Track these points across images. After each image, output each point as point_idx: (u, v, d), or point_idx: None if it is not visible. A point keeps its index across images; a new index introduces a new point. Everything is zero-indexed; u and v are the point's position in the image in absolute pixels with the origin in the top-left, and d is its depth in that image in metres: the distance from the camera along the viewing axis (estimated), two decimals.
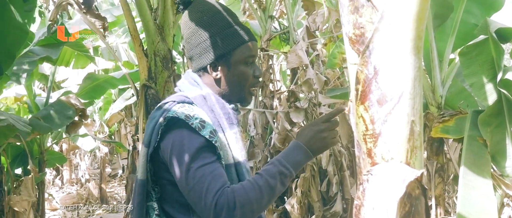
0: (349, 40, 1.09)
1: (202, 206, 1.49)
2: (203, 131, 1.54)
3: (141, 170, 1.66)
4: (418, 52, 1.03)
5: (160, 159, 1.62)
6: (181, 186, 1.55)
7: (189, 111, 1.58)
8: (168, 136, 1.57)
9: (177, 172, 1.54)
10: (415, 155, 1.05)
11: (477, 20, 3.34)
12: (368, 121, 1.07)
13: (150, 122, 1.65)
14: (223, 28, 1.72)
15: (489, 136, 3.13)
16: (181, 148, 1.54)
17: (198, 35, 1.73)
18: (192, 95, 1.68)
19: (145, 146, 1.63)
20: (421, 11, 1.01)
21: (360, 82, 1.08)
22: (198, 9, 1.76)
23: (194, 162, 1.51)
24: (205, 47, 1.71)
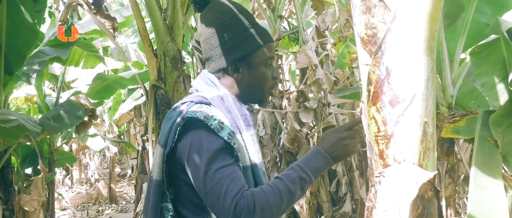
0: (361, 40, 1.07)
1: (220, 208, 1.48)
2: (222, 133, 1.53)
3: (157, 171, 1.64)
4: (431, 53, 1.02)
5: (176, 159, 1.60)
6: (198, 188, 1.54)
7: (208, 112, 1.57)
8: (186, 136, 1.56)
9: (195, 174, 1.53)
10: (427, 156, 1.04)
11: (488, 20, 3.32)
12: (380, 122, 1.06)
13: (167, 122, 1.63)
14: (245, 29, 1.71)
15: (500, 137, 3.10)
16: (200, 150, 1.52)
17: (220, 36, 1.70)
18: (209, 95, 1.67)
19: (162, 146, 1.62)
20: (434, 11, 0.99)
21: (372, 83, 1.06)
22: (218, 9, 1.73)
23: (212, 164, 1.50)
24: (226, 48, 1.69)
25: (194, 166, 1.53)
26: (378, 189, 1.06)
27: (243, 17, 1.73)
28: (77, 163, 9.63)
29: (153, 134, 3.06)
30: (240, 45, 1.69)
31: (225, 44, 1.69)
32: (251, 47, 1.69)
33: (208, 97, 1.66)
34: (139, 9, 3.12)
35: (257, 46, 1.70)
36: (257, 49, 1.70)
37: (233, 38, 1.69)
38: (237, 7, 1.76)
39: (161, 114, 3.02)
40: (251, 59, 1.70)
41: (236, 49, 1.69)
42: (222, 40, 1.70)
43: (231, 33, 1.69)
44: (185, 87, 3.11)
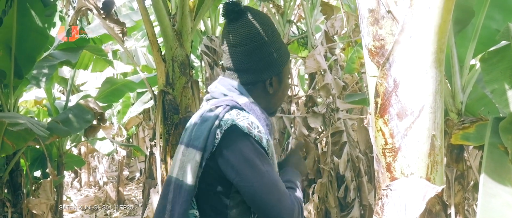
0: (369, 52, 1.06)
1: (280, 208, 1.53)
2: (263, 142, 1.58)
3: (192, 175, 1.59)
4: (439, 65, 1.01)
5: (213, 165, 1.59)
6: (254, 192, 1.54)
7: (248, 119, 1.59)
8: (233, 144, 1.56)
9: (251, 178, 1.54)
10: (435, 170, 1.02)
11: (498, 26, 3.29)
12: (387, 134, 1.05)
13: (201, 124, 1.61)
14: (280, 44, 1.74)
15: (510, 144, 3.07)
16: (252, 155, 1.54)
17: (264, 49, 1.69)
18: (241, 101, 1.67)
19: (199, 149, 1.58)
20: (443, 23, 0.98)
21: (379, 95, 1.05)
22: (260, 21, 1.71)
23: (267, 167, 1.55)
24: (269, 62, 1.70)
25: (249, 171, 1.54)
26: (385, 202, 1.05)
27: (277, 33, 1.76)
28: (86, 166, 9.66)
29: (161, 140, 3.05)
30: (278, 60, 1.71)
31: (268, 58, 1.69)
32: (285, 62, 1.72)
33: (240, 103, 1.66)
34: (148, 14, 3.12)
35: (287, 60, 1.73)
36: (287, 63, 1.73)
37: (272, 54, 1.70)
38: (271, 22, 1.77)
39: (169, 120, 3.01)
40: (282, 73, 1.73)
41: (276, 64, 1.71)
42: (266, 54, 1.69)
43: (273, 47, 1.70)
44: (193, 92, 3.11)
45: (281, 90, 1.75)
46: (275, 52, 1.69)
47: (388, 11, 1.01)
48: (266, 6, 5.51)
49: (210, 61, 5.21)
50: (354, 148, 4.99)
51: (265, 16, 1.76)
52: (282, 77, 1.73)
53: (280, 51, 1.71)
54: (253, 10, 1.74)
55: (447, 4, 0.97)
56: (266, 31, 1.70)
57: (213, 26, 5.87)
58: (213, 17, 5.85)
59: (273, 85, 1.71)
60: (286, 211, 1.52)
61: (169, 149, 3.00)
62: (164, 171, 3.03)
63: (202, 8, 3.11)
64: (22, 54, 4.55)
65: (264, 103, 1.74)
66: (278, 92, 1.74)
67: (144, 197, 4.52)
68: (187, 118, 2.89)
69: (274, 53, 1.69)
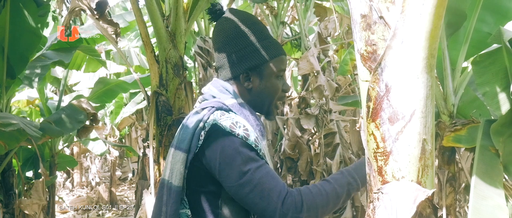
0: (361, 57, 1.07)
1: (264, 205, 1.50)
2: (249, 139, 1.56)
3: (178, 177, 1.62)
4: (430, 71, 1.02)
5: (200, 166, 1.60)
6: (236, 191, 1.54)
7: (233, 119, 1.59)
8: (214, 143, 1.56)
9: (231, 177, 1.53)
10: (426, 174, 1.04)
11: (490, 29, 3.32)
12: (379, 138, 1.06)
13: (187, 126, 1.63)
14: (259, 39, 1.73)
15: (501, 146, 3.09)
16: (233, 154, 1.53)
17: (234, 44, 1.72)
18: (228, 102, 1.68)
19: (183, 151, 1.61)
20: (434, 29, 0.99)
21: (371, 99, 1.06)
22: (233, 18, 1.76)
23: (249, 165, 1.52)
24: (240, 57, 1.71)
25: (229, 170, 1.53)
26: (377, 205, 1.06)
27: (258, 28, 1.76)
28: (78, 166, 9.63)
29: (154, 141, 3.05)
30: (253, 54, 1.71)
31: (239, 52, 1.71)
32: (264, 57, 1.71)
33: (227, 104, 1.66)
34: (141, 15, 3.11)
35: (270, 56, 1.72)
36: (270, 60, 1.72)
37: (247, 47, 1.71)
38: (252, 18, 1.79)
39: (162, 121, 3.01)
40: (263, 69, 1.72)
41: (249, 58, 1.71)
42: (236, 48, 1.71)
43: (245, 42, 1.71)
44: (187, 94, 3.11)
45: (265, 88, 1.74)
46: (249, 47, 1.71)
47: (380, 17, 1.02)
48: (260, 8, 5.52)
49: (204, 62, 5.22)
50: (347, 149, 5.01)
51: (245, 15, 1.79)
52: (263, 74, 1.72)
53: (254, 46, 1.72)
54: (234, 10, 1.79)
55: (438, 10, 0.98)
56: (236, 27, 1.73)
57: (206, 27, 5.88)
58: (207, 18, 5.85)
59: (251, 80, 1.72)
60: (270, 208, 1.49)
61: (162, 150, 3.00)
62: (157, 172, 3.04)
63: (195, 9, 3.12)
64: (15, 54, 4.53)
65: (250, 101, 1.74)
66: (261, 88, 1.73)
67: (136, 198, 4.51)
68: (180, 120, 2.89)
69: (247, 47, 1.71)
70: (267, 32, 1.79)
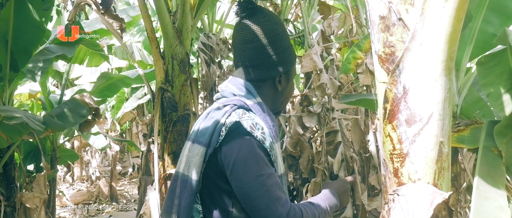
0: (379, 58, 1.08)
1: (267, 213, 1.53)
2: (266, 143, 1.58)
3: (196, 170, 1.62)
4: (449, 73, 1.02)
5: (216, 162, 1.61)
6: (245, 192, 1.56)
7: (254, 120, 1.60)
8: (232, 141, 1.57)
9: (243, 179, 1.55)
10: (443, 176, 1.04)
11: (495, 30, 3.31)
12: (395, 140, 1.06)
13: (208, 121, 1.65)
14: (290, 43, 1.75)
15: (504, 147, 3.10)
16: (248, 156, 1.55)
17: (276, 46, 1.72)
18: (249, 102, 1.68)
19: (203, 145, 1.62)
20: (453, 32, 1.00)
21: (388, 101, 1.07)
22: (271, 19, 1.74)
23: (263, 171, 1.54)
24: (279, 60, 1.72)
25: (243, 171, 1.55)
26: (392, 207, 1.06)
27: (286, 30, 1.78)
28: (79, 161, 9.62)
29: (159, 137, 3.05)
30: (290, 58, 1.74)
31: (279, 55, 1.72)
32: (293, 61, 1.75)
33: (248, 104, 1.67)
34: (147, 11, 3.11)
35: (294, 59, 1.76)
36: (294, 62, 1.76)
37: (285, 51, 1.72)
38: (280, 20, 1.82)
39: (167, 117, 3.01)
40: (290, 71, 1.74)
41: (287, 61, 1.74)
42: (277, 51, 1.71)
43: (284, 45, 1.73)
44: (192, 90, 3.11)
45: (288, 89, 1.79)
46: (286, 50, 1.73)
47: (399, 19, 1.03)
48: (263, 5, 5.51)
49: (207, 58, 5.21)
50: (349, 148, 5.02)
51: (276, 15, 1.81)
52: (290, 76, 1.76)
53: (289, 50, 1.75)
54: (264, 9, 1.79)
55: (458, 13, 0.98)
56: (277, 28, 1.73)
57: (210, 23, 5.87)
58: (210, 14, 5.85)
59: (281, 82, 1.74)
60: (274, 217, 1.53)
61: (166, 146, 3.00)
62: (161, 168, 3.04)
63: (202, 5, 3.11)
64: (18, 48, 4.52)
65: (271, 101, 1.76)
66: (285, 90, 1.77)
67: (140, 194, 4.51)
68: (186, 116, 2.90)
69: (285, 51, 1.73)
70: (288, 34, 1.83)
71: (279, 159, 1.69)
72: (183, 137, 2.99)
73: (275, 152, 1.64)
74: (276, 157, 1.65)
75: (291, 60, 1.75)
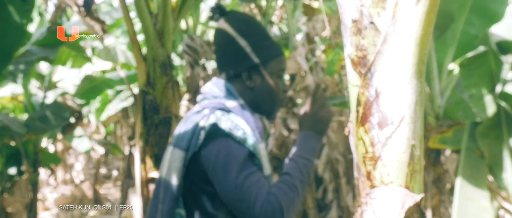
0: (351, 61, 1.07)
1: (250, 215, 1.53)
2: (247, 143, 1.55)
3: (176, 175, 1.62)
4: (420, 76, 1.02)
5: (197, 166, 1.60)
6: (226, 195, 1.56)
7: (232, 121, 1.59)
8: (211, 144, 1.57)
9: (223, 181, 1.54)
10: (415, 179, 1.04)
11: (477, 31, 3.34)
12: (368, 143, 1.06)
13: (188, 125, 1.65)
14: (261, 38, 1.74)
15: (486, 148, 3.13)
16: (228, 157, 1.54)
17: (236, 42, 1.73)
18: (230, 104, 1.68)
19: (183, 149, 1.61)
20: (424, 35, 1.00)
21: (361, 104, 1.06)
22: (235, 18, 1.78)
23: (241, 172, 1.53)
24: (242, 55, 1.72)
25: (222, 174, 1.54)
26: (365, 210, 1.06)
27: (260, 27, 1.78)
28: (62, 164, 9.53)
29: (140, 140, 3.03)
30: (255, 53, 1.72)
31: (241, 51, 1.72)
32: (266, 56, 1.73)
33: (228, 105, 1.66)
34: (129, 14, 3.09)
35: (272, 56, 1.74)
36: (272, 59, 1.73)
37: (249, 46, 1.72)
38: (252, 19, 1.81)
39: (148, 120, 3.00)
40: (264, 68, 1.72)
41: (252, 56, 1.72)
42: (238, 47, 1.72)
43: (247, 40, 1.72)
44: (174, 93, 3.09)
45: (267, 87, 1.76)
46: (251, 46, 1.72)
47: (371, 22, 1.02)
48: (248, 7, 5.51)
49: (191, 60, 5.19)
50: (333, 149, 5.03)
51: (246, 16, 1.83)
52: (264, 73, 1.75)
53: (258, 45, 1.74)
54: (234, 12, 1.80)
55: (428, 17, 0.98)
56: (239, 26, 1.75)
57: (194, 25, 5.85)
58: (195, 16, 5.83)
59: (253, 79, 1.73)
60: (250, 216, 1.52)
61: (148, 149, 2.98)
62: (142, 172, 3.02)
63: (184, 7, 3.10)
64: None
65: (251, 101, 1.75)
66: (262, 88, 1.75)
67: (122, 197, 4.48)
68: (167, 119, 2.88)
69: (249, 46, 1.72)
70: (267, 32, 1.81)
71: (265, 160, 1.69)
72: (165, 140, 2.97)
73: (259, 152, 1.63)
74: (261, 157, 1.64)
75: (258, 55, 1.74)
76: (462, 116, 3.48)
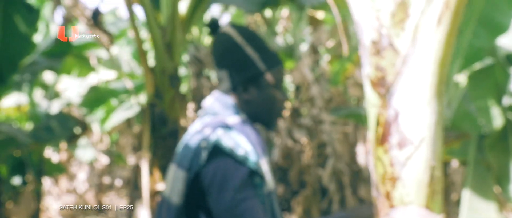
0: (370, 82, 1.07)
1: None
2: (249, 161, 1.54)
3: (178, 195, 1.61)
4: (440, 97, 1.02)
5: (197, 185, 1.58)
6: (218, 214, 1.53)
7: (233, 139, 1.57)
8: (211, 163, 1.55)
9: (218, 202, 1.52)
10: (435, 199, 1.04)
11: (484, 43, 3.34)
12: (387, 163, 1.06)
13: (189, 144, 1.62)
14: (256, 50, 1.72)
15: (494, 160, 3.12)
16: (225, 178, 1.52)
17: (231, 54, 1.71)
18: (230, 121, 1.67)
19: (185, 170, 1.60)
20: (444, 56, 1.00)
21: (380, 124, 1.07)
22: (230, 31, 1.75)
23: (237, 194, 1.50)
24: (236, 68, 1.70)
25: (217, 193, 1.52)
26: None
27: (257, 38, 1.75)
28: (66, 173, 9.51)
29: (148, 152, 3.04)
30: (250, 65, 1.70)
31: (235, 64, 1.70)
32: (261, 68, 1.70)
33: (229, 122, 1.65)
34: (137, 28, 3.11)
35: (269, 66, 1.71)
36: (269, 69, 1.71)
37: (244, 58, 1.70)
38: (248, 31, 1.79)
39: (157, 132, 3.00)
40: (260, 80, 1.71)
41: (246, 68, 1.70)
42: (233, 60, 1.70)
43: (243, 52, 1.70)
44: (180, 105, 3.10)
45: (265, 99, 1.73)
46: (245, 58, 1.70)
47: (390, 43, 1.03)
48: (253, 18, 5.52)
49: (196, 71, 5.20)
50: (339, 160, 5.02)
51: (243, 28, 1.80)
52: (261, 85, 1.71)
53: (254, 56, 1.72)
54: (232, 24, 1.80)
55: (449, 39, 0.99)
56: (233, 39, 1.73)
57: (199, 36, 5.87)
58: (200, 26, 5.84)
59: (249, 91, 1.71)
60: None
61: (156, 161, 2.98)
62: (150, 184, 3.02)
63: (192, 20, 3.12)
64: (5, 59, 4.48)
65: (250, 113, 1.74)
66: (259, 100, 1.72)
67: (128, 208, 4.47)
68: (175, 131, 2.88)
69: (244, 59, 1.70)
70: (265, 43, 1.79)
71: (267, 175, 1.67)
72: (172, 152, 2.97)
73: (261, 168, 1.62)
74: (263, 173, 1.63)
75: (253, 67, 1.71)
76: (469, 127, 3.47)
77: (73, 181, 9.44)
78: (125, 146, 9.06)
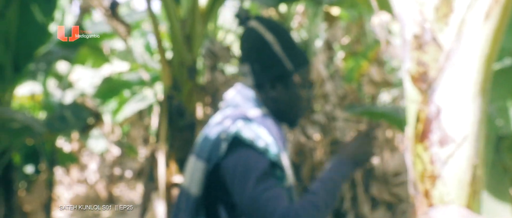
0: (411, 77, 1.05)
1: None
2: (270, 153, 1.53)
3: (197, 186, 1.61)
4: (484, 94, 1.00)
5: (218, 177, 1.58)
6: (242, 206, 1.52)
7: (255, 131, 1.56)
8: (232, 154, 1.54)
9: (241, 192, 1.51)
10: (476, 199, 1.02)
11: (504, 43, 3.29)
12: (427, 161, 1.04)
13: (209, 136, 1.62)
14: (285, 48, 1.70)
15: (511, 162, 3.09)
16: (247, 168, 1.51)
17: (262, 50, 1.70)
18: (252, 113, 1.65)
19: (204, 161, 1.60)
20: (491, 52, 0.98)
21: (420, 121, 1.04)
22: (260, 26, 1.73)
23: (259, 184, 1.49)
24: (265, 66, 1.69)
25: (240, 184, 1.51)
26: None
27: (284, 37, 1.73)
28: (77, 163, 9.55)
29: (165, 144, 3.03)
30: (278, 64, 1.68)
31: (264, 61, 1.68)
32: (291, 67, 1.68)
33: (250, 115, 1.64)
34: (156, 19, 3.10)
35: (295, 67, 1.69)
36: (297, 69, 1.69)
37: (272, 57, 1.68)
38: (278, 27, 1.76)
39: (174, 124, 2.99)
40: (288, 79, 1.69)
41: (276, 66, 1.69)
42: (261, 57, 1.69)
43: (270, 51, 1.68)
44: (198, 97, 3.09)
45: (291, 98, 1.72)
46: (275, 56, 1.69)
47: (433, 38, 1.00)
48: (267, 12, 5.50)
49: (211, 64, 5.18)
50: None
51: (272, 22, 1.78)
52: (288, 84, 1.70)
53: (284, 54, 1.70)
54: (261, 18, 1.76)
55: (496, 35, 0.96)
56: (264, 35, 1.71)
57: (214, 29, 5.85)
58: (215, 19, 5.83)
59: (276, 89, 1.70)
60: None
61: (172, 154, 2.97)
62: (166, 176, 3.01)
63: (212, 12, 3.10)
64: (21, 49, 4.50)
65: (274, 110, 1.72)
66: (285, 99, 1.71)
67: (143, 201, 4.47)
68: (192, 123, 2.87)
69: (273, 57, 1.69)
70: (294, 41, 1.77)
71: (288, 169, 1.66)
72: (189, 144, 2.96)
73: (282, 161, 1.61)
74: (284, 167, 1.62)
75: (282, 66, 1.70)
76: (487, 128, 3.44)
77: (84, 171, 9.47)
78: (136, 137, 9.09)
